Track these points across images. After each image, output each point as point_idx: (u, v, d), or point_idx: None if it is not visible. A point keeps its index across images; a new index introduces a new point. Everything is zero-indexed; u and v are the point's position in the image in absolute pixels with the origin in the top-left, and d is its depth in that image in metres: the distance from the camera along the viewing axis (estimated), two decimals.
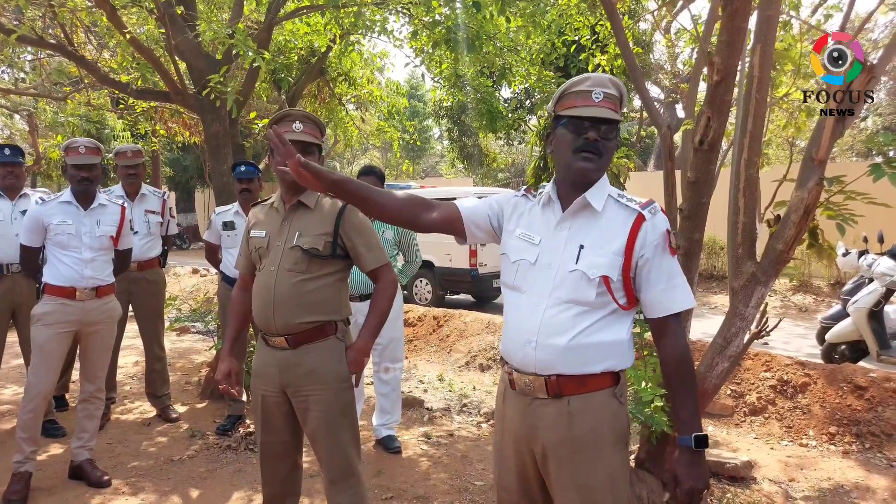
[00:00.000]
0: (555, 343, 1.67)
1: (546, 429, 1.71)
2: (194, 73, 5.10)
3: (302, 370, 2.35)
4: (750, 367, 4.95)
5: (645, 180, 13.76)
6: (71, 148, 3.39)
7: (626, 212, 1.71)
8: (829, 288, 10.62)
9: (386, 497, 3.37)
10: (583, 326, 1.67)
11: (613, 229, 1.69)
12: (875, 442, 4.11)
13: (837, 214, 2.69)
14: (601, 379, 1.69)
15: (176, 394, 5.00)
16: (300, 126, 2.36)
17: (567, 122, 1.71)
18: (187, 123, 8.71)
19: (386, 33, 5.73)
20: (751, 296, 2.82)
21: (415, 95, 26.02)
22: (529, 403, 1.74)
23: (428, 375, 6.01)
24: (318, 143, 2.42)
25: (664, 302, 1.70)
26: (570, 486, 1.69)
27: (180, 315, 8.88)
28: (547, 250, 1.74)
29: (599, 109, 1.68)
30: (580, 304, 1.67)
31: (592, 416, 1.69)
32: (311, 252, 2.34)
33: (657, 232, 1.69)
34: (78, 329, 3.39)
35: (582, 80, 1.73)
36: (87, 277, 3.35)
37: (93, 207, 3.44)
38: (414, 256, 4.15)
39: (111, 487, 3.44)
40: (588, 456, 1.68)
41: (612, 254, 1.67)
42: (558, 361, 1.67)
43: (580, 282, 1.67)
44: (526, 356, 1.71)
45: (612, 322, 1.70)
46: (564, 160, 1.73)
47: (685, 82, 10.10)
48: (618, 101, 1.72)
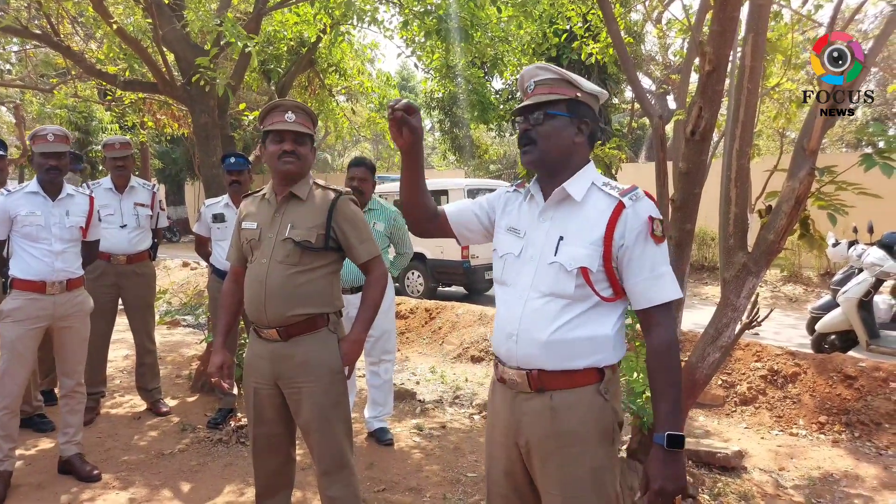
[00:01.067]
0: (535, 337, 1.65)
1: (529, 423, 1.70)
2: (182, 64, 5.04)
3: (294, 362, 2.34)
4: (741, 357, 4.97)
5: (636, 171, 13.78)
6: (39, 136, 3.29)
7: (607, 200, 1.66)
8: (818, 278, 10.68)
9: (378, 489, 3.37)
10: (564, 320, 1.64)
11: (594, 219, 1.65)
12: (864, 431, 4.14)
13: (829, 204, 2.70)
14: (585, 374, 1.66)
15: (166, 387, 4.97)
16: (292, 116, 2.34)
17: (517, 120, 1.78)
18: (176, 115, 8.63)
19: (376, 23, 5.67)
20: (742, 286, 2.82)
21: (406, 87, 25.94)
22: (514, 397, 1.73)
23: (420, 367, 6.01)
24: (310, 133, 2.40)
25: (646, 293, 1.63)
26: (554, 481, 1.67)
27: (171, 308, 8.86)
28: (530, 243, 1.73)
29: (532, 98, 1.72)
30: (560, 297, 1.65)
31: (576, 411, 1.66)
32: (304, 244, 2.33)
33: (638, 219, 1.62)
34: (50, 324, 3.31)
35: (520, 78, 1.80)
36: (57, 270, 3.28)
37: (61, 198, 3.36)
38: (405, 248, 4.13)
39: (101, 481, 3.42)
40: (571, 451, 1.66)
41: (590, 244, 1.63)
42: (539, 356, 1.65)
43: (559, 274, 1.64)
44: (509, 350, 1.71)
45: (595, 316, 1.66)
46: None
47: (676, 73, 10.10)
48: (556, 81, 1.71)
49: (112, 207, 4.28)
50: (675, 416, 1.61)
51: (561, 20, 5.74)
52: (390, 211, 4.02)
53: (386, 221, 3.96)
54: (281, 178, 2.39)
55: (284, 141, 2.34)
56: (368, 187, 3.89)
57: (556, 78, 1.71)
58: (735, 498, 3.28)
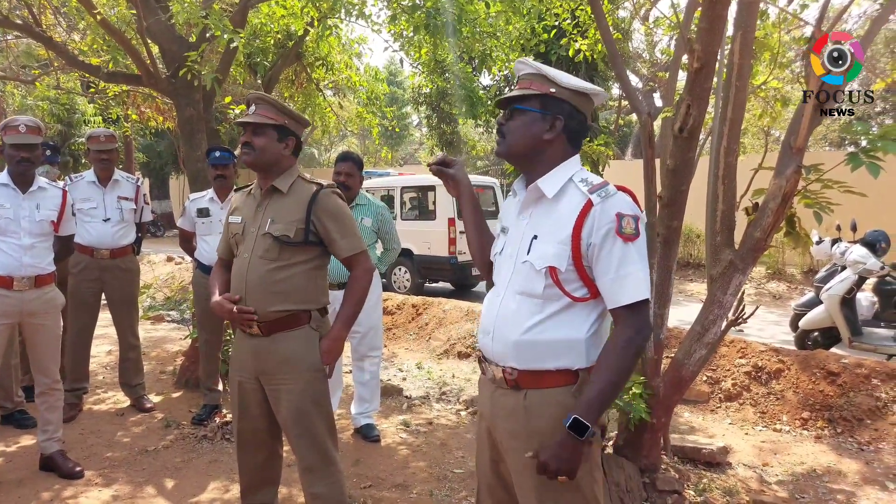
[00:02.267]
0: (507, 336, 1.66)
1: (504, 418, 1.70)
2: (167, 57, 4.98)
3: (275, 358, 2.33)
4: (725, 353, 5.01)
5: (623, 168, 13.83)
6: (10, 126, 3.20)
7: (578, 197, 1.62)
8: (802, 276, 10.80)
9: (365, 486, 3.35)
10: (535, 321, 1.62)
11: (565, 217, 1.62)
12: (846, 427, 4.18)
13: (815, 202, 2.72)
14: (557, 376, 1.63)
15: (150, 383, 4.91)
16: (253, 108, 2.35)
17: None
18: (160, 108, 8.54)
19: (364, 17, 5.63)
20: (728, 283, 2.84)
21: (393, 82, 25.83)
22: (494, 391, 1.75)
23: (407, 363, 6.00)
24: (272, 123, 2.34)
25: (611, 294, 1.58)
26: (528, 480, 1.66)
27: (154, 304, 8.77)
28: (510, 241, 1.74)
29: (510, 93, 1.75)
30: (531, 296, 1.64)
31: (549, 411, 1.62)
32: (282, 239, 2.30)
33: (606, 217, 1.57)
34: (19, 321, 3.24)
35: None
36: (25, 265, 3.19)
37: (32, 191, 3.27)
38: (393, 244, 4.10)
39: (83, 479, 3.37)
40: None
41: (558, 243, 1.60)
42: (510, 355, 1.66)
43: (529, 273, 1.64)
44: (485, 346, 1.74)
45: (568, 318, 1.62)
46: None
47: (663, 71, 10.13)
48: (534, 77, 1.70)
49: (95, 201, 4.22)
50: (591, 407, 1.55)
51: (549, 16, 5.74)
52: (378, 206, 3.99)
53: (373, 217, 3.93)
54: (260, 170, 2.38)
55: (245, 133, 2.34)
56: (355, 182, 3.86)
57: (533, 73, 1.71)
58: (720, 493, 3.30)
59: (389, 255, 4.15)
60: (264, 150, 2.34)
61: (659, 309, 3.18)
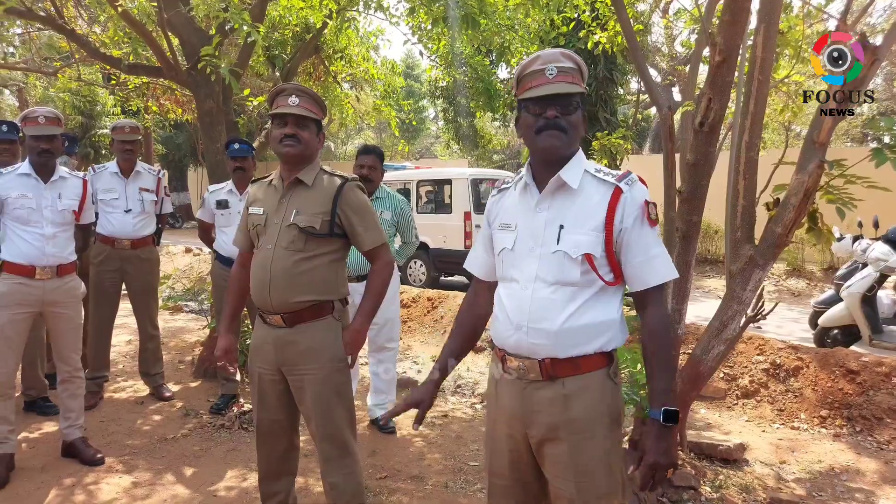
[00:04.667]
0: (545, 327, 1.65)
1: (542, 412, 1.70)
2: (187, 49, 5.01)
3: (298, 349, 2.34)
4: (743, 350, 4.97)
5: (641, 163, 13.74)
6: (29, 118, 3.24)
7: (603, 186, 1.69)
8: (822, 272, 10.66)
9: (381, 476, 3.38)
10: (573, 308, 1.65)
11: (592, 205, 1.67)
12: (866, 425, 4.14)
13: (837, 198, 2.68)
14: (595, 360, 1.68)
15: (169, 373, 4.98)
16: (296, 100, 2.32)
17: (527, 105, 1.70)
18: (180, 100, 8.59)
19: (382, 10, 5.63)
20: (748, 279, 2.82)
21: (410, 75, 25.84)
22: (524, 388, 1.73)
23: (422, 356, 6.02)
24: (314, 117, 2.37)
25: (643, 275, 1.68)
26: (567, 467, 1.68)
27: (173, 294, 8.87)
28: (526, 234, 1.73)
29: (554, 86, 1.66)
30: (566, 284, 1.66)
31: (588, 397, 1.67)
32: (308, 230, 2.32)
33: (635, 203, 1.66)
34: (40, 310, 3.28)
35: (533, 59, 1.71)
36: (48, 255, 3.22)
37: (53, 180, 3.30)
38: (412, 237, 4.11)
39: (104, 465, 3.43)
40: (584, 437, 1.67)
41: (591, 230, 1.65)
42: (551, 345, 1.66)
43: (563, 262, 1.65)
44: (519, 341, 1.70)
45: (600, 300, 1.68)
46: (530, 142, 1.72)
47: (683, 64, 10.02)
48: (575, 71, 1.69)
49: (117, 192, 4.27)
50: (670, 393, 1.67)
51: (569, 8, 5.70)
52: (397, 199, 4.00)
53: (393, 210, 3.94)
54: (283, 161, 2.39)
55: (287, 125, 2.33)
56: (377, 175, 3.87)
57: (575, 69, 1.69)
58: (736, 490, 3.28)
59: (408, 248, 4.16)
60: (308, 144, 2.36)
61: (677, 304, 3.16)
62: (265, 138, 5.54)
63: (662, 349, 1.68)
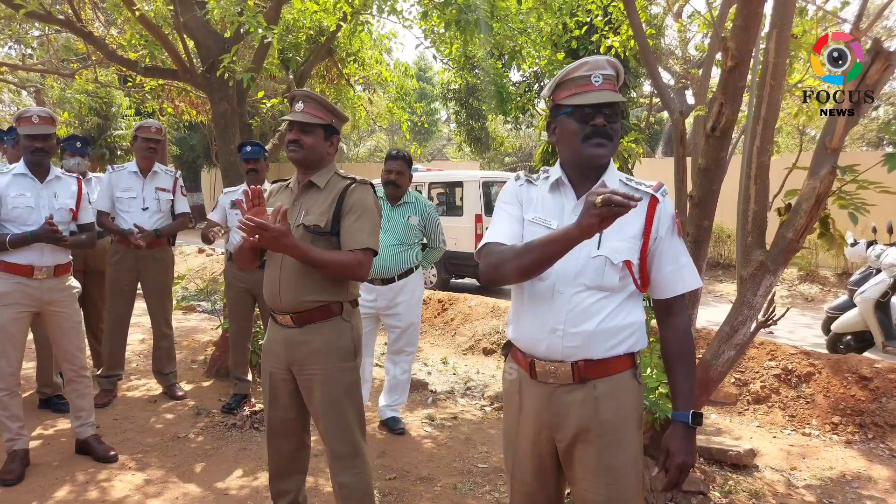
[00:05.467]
0: (583, 329, 1.67)
1: (572, 415, 1.71)
2: (202, 51, 5.07)
3: (307, 349, 2.37)
4: (754, 355, 4.94)
5: (653, 166, 13.69)
6: (23, 118, 3.25)
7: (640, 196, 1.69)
8: (836, 278, 10.58)
9: (390, 477, 3.40)
10: (608, 311, 1.69)
11: (631, 214, 1.62)
12: (878, 432, 4.11)
13: (849, 203, 2.67)
14: (623, 361, 1.73)
15: (182, 372, 5.03)
16: (301, 106, 2.37)
17: (572, 111, 1.70)
18: (194, 102, 8.67)
19: (396, 13, 5.66)
20: (759, 284, 2.81)
21: (422, 77, 25.88)
22: (553, 391, 1.73)
23: (432, 358, 6.04)
24: (320, 122, 2.39)
25: (672, 283, 1.74)
26: (598, 468, 1.70)
27: (187, 294, 8.94)
28: None
29: (602, 94, 1.67)
30: (604, 289, 1.69)
31: (617, 398, 1.72)
32: (314, 229, 2.34)
33: (668, 214, 1.73)
34: (39, 309, 3.30)
35: (579, 65, 1.71)
36: (46, 255, 3.24)
37: (49, 180, 3.33)
38: (438, 242, 4.09)
39: (118, 462, 3.47)
40: (615, 438, 1.71)
41: (631, 238, 1.70)
42: (586, 347, 1.68)
43: (605, 267, 1.68)
44: (552, 344, 1.70)
45: (630, 304, 1.73)
46: (574, 149, 1.71)
47: (696, 68, 10.00)
48: (615, 79, 1.72)
49: (135, 190, 4.33)
50: (693, 396, 1.74)
51: (581, 12, 5.70)
52: (425, 205, 3.99)
53: (421, 215, 3.93)
54: (300, 166, 2.43)
55: (293, 130, 2.38)
56: (405, 181, 3.87)
57: (616, 77, 1.72)
58: (746, 496, 3.27)
59: (435, 253, 4.16)
60: (312, 149, 2.38)
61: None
62: (279, 140, 5.59)
63: (688, 353, 1.76)
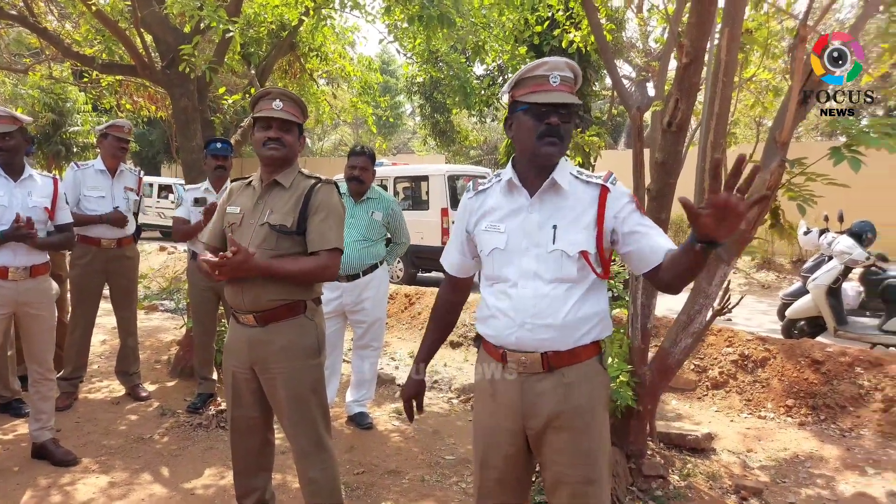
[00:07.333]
0: (549, 322, 1.74)
1: (544, 403, 1.78)
2: (161, 47, 4.98)
3: (271, 348, 2.37)
4: (713, 342, 5.09)
5: (616, 158, 13.89)
6: None
7: (590, 187, 1.79)
8: (791, 265, 10.91)
9: (358, 472, 3.42)
10: (572, 302, 1.75)
11: (582, 206, 1.77)
12: (829, 414, 4.28)
13: (798, 195, 2.78)
14: (590, 349, 1.80)
15: (145, 372, 4.96)
16: (280, 104, 2.36)
17: (528, 109, 1.75)
18: (154, 97, 8.52)
19: (358, 7, 5.64)
20: (714, 274, 2.91)
21: (386, 70, 25.75)
22: (524, 381, 1.80)
23: (399, 353, 6.06)
24: (297, 121, 2.41)
25: (664, 243, 1.70)
26: (572, 451, 1.77)
27: (149, 293, 8.78)
28: (519, 234, 1.79)
29: (558, 94, 1.73)
30: (565, 281, 1.75)
31: (586, 384, 1.79)
32: (279, 228, 2.35)
33: (624, 195, 1.78)
34: (14, 311, 3.26)
35: (539, 65, 1.77)
36: (20, 255, 3.20)
37: (23, 179, 3.28)
38: (402, 238, 4.13)
39: (81, 465, 3.42)
40: (586, 422, 1.78)
41: (584, 228, 1.75)
42: (554, 338, 1.75)
43: (561, 260, 1.74)
44: (521, 337, 1.77)
45: (593, 293, 1.79)
46: (528, 146, 1.77)
47: (656, 60, 10.15)
48: (573, 82, 1.78)
49: (104, 189, 4.25)
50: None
51: (543, 7, 5.76)
52: (388, 200, 4.01)
53: (384, 211, 3.95)
54: (265, 164, 2.41)
55: (271, 128, 2.36)
56: (369, 176, 3.89)
57: (573, 80, 1.78)
58: (703, 478, 3.39)
59: (399, 248, 4.19)
60: (293, 147, 2.40)
61: (646, 299, 3.25)
62: (241, 136, 5.53)
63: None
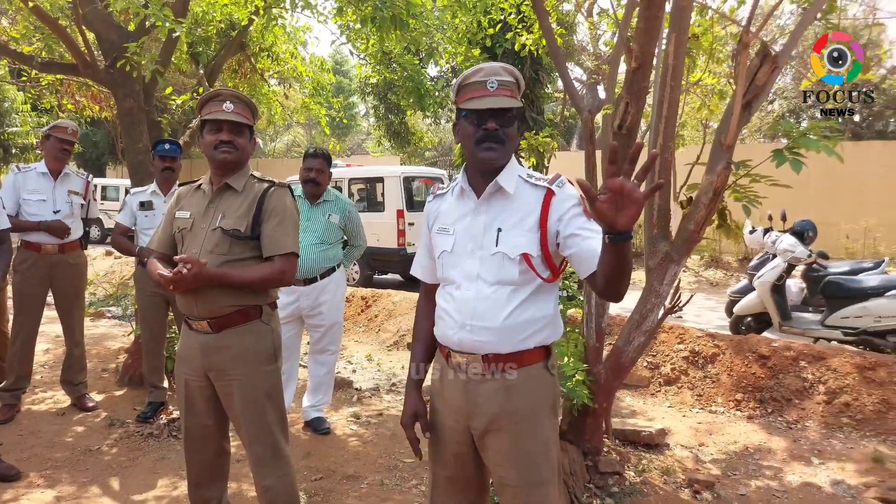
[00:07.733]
0: (488, 324, 1.74)
1: (486, 403, 1.78)
2: (104, 45, 4.83)
3: (226, 355, 2.32)
4: (665, 339, 5.21)
5: (569, 160, 14.09)
6: None
7: (536, 190, 1.78)
8: (738, 263, 11.26)
9: (316, 478, 3.38)
10: (513, 305, 1.74)
11: (526, 208, 1.77)
12: (776, 406, 4.43)
13: (743, 196, 2.87)
14: (534, 353, 1.78)
15: (92, 381, 4.78)
16: (230, 106, 2.30)
17: (468, 115, 1.76)
18: (97, 97, 8.24)
19: (310, 8, 5.57)
20: (665, 274, 2.97)
21: (339, 71, 25.55)
22: (467, 382, 1.81)
23: (357, 356, 6.02)
24: (248, 123, 2.37)
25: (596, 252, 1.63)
26: (509, 456, 1.77)
27: (95, 299, 8.51)
28: (465, 237, 1.81)
29: (495, 99, 1.73)
30: (506, 283, 1.75)
31: (528, 388, 1.78)
32: (232, 233, 2.30)
33: (570, 199, 1.74)
34: None
35: (475, 71, 1.78)
36: None
37: None
38: (359, 240, 4.11)
39: (25, 480, 3.28)
40: (526, 426, 1.78)
41: (527, 231, 1.75)
42: (494, 341, 1.75)
43: (503, 262, 1.75)
44: (462, 338, 1.78)
45: (538, 297, 1.77)
46: (469, 151, 1.79)
47: (607, 63, 10.36)
48: (514, 86, 1.79)
49: (45, 193, 4.08)
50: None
51: (495, 11, 5.81)
52: (345, 203, 3.99)
53: (341, 213, 3.92)
54: (217, 167, 2.36)
55: (222, 131, 2.30)
56: (325, 179, 3.86)
57: (514, 83, 1.78)
58: (658, 473, 3.47)
59: (356, 251, 4.16)
60: (244, 150, 2.35)
61: (600, 299, 3.30)
62: (189, 138, 5.40)
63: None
